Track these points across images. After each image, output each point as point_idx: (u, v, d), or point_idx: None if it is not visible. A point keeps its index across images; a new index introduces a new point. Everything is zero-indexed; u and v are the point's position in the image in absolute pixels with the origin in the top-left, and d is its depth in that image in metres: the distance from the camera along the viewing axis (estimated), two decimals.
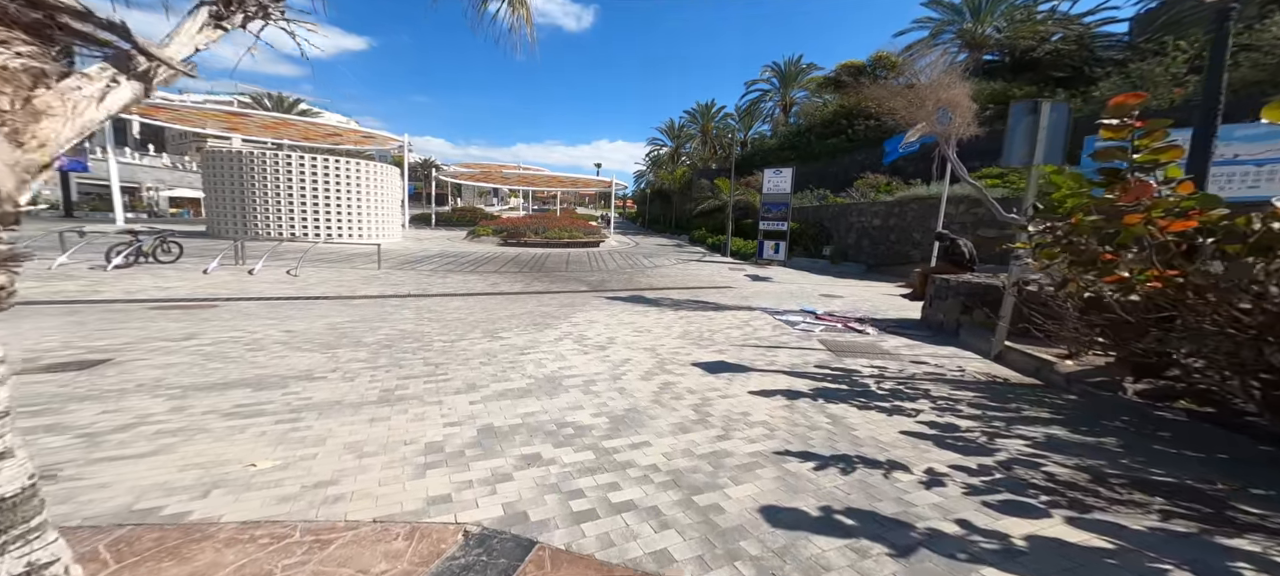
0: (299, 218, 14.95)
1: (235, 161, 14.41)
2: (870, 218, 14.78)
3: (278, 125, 22.06)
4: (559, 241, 20.23)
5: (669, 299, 8.82)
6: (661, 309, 7.69)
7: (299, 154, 14.89)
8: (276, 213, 14.69)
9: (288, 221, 14.82)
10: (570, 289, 9.75)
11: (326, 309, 6.58)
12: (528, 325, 6.04)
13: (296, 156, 14.72)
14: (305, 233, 15.15)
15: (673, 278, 12.08)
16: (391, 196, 18.30)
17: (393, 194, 18.55)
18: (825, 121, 26.55)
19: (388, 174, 17.83)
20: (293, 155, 14.65)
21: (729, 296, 9.41)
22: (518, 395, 3.55)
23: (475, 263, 13.57)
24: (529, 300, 8.15)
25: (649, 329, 6.11)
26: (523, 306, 7.49)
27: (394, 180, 18.60)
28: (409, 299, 7.67)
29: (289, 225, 14.86)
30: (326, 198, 15.42)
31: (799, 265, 16.18)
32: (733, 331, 6.11)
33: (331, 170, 15.42)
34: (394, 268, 11.42)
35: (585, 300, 8.33)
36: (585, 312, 7.09)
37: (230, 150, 14.47)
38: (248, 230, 14.50)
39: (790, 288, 10.97)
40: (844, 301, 9.16)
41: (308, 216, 15.11)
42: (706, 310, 7.76)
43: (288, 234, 14.71)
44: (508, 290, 9.20)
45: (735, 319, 7.02)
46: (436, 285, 9.23)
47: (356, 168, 16.07)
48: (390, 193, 18.09)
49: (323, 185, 15.21)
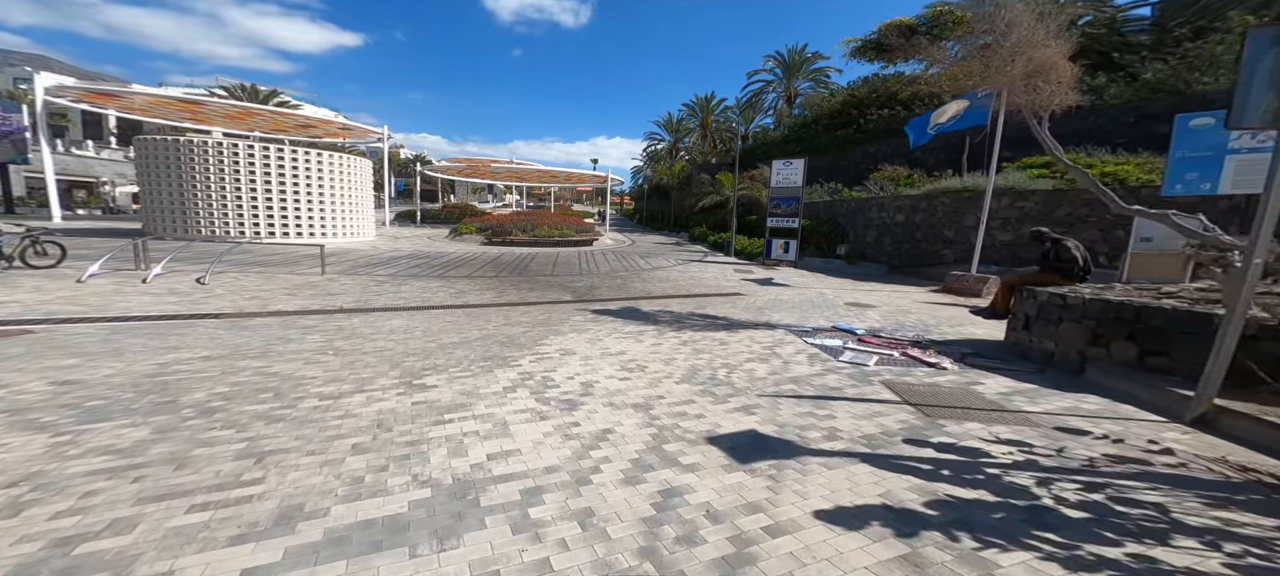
0: (248, 214, 13.22)
1: (171, 151, 12.67)
2: (892, 213, 13.17)
3: (243, 115, 20.27)
4: (548, 240, 18.57)
5: (668, 312, 7.19)
6: (660, 328, 6.06)
7: (247, 142, 13.15)
8: (221, 208, 12.96)
9: (235, 218, 13.09)
10: (551, 299, 8.10)
11: (200, 335, 4.91)
12: (475, 361, 4.39)
13: (244, 145, 12.98)
14: (258, 231, 13.44)
15: (672, 282, 10.44)
16: (362, 191, 16.59)
17: (364, 188, 16.84)
18: (833, 112, 24.90)
19: (357, 167, 16.12)
20: (240, 144, 12.92)
21: (740, 307, 7.79)
22: (376, 536, 1.91)
23: (448, 265, 11.90)
24: (494, 316, 6.50)
25: (643, 364, 4.47)
26: (482, 327, 5.84)
27: (365, 173, 16.89)
28: (334, 317, 6.00)
29: (237, 222, 13.13)
30: (282, 192, 13.69)
31: (811, 266, 14.57)
32: (756, 366, 4.48)
33: (289, 161, 13.70)
34: (344, 272, 9.74)
35: (566, 315, 6.69)
36: (561, 337, 5.45)
37: (166, 138, 12.73)
38: (187, 228, 12.79)
39: (808, 294, 9.35)
40: (879, 312, 7.55)
41: (259, 212, 13.39)
42: (716, 329, 6.13)
43: (235, 232, 13.01)
44: (474, 301, 7.54)
45: (755, 342, 5.39)
46: (384, 296, 7.57)
47: (318, 159, 14.35)
48: (360, 187, 16.37)
49: (276, 178, 13.48)
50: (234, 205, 13.04)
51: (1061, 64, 5.44)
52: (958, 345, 5.39)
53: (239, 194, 13.05)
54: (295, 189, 13.94)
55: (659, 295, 8.80)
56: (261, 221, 13.48)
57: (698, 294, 9.11)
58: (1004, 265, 10.38)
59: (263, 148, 13.19)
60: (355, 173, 15.96)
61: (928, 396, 3.63)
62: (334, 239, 15.08)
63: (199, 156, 12.70)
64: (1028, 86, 5.47)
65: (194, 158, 12.66)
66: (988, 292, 9.16)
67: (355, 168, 15.94)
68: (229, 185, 12.98)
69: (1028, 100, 5.49)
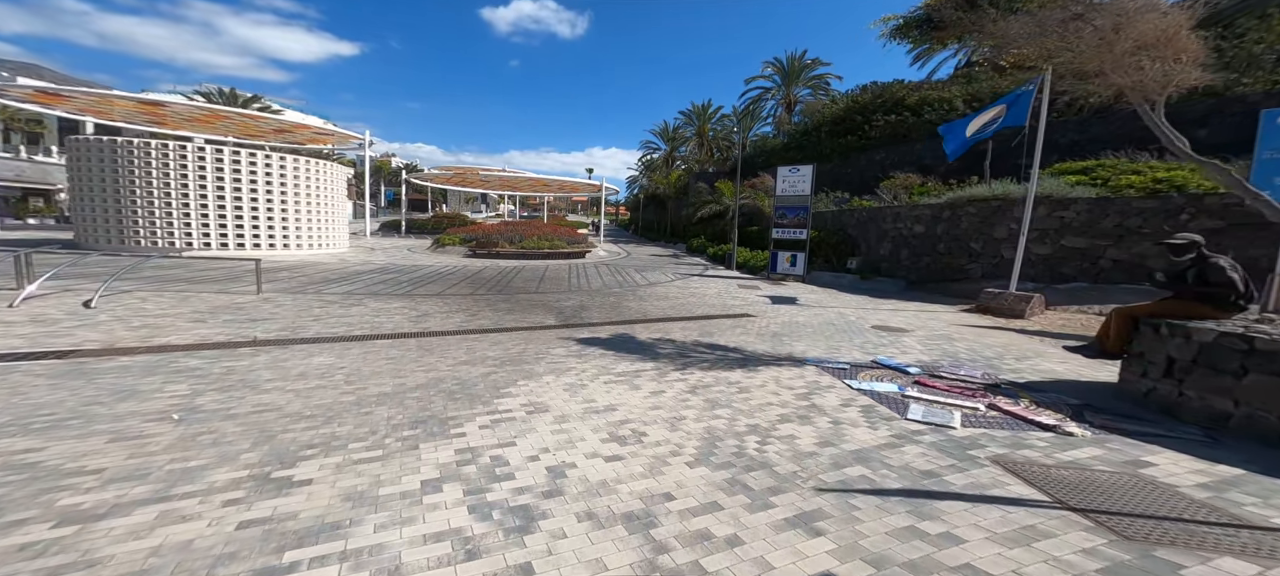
0: (197, 223, 11.86)
1: (107, 153, 11.31)
2: (910, 224, 12.07)
3: (210, 118, 18.94)
4: (537, 252, 17.31)
5: (669, 340, 5.95)
6: (661, 366, 4.81)
7: (195, 143, 11.83)
8: (164, 217, 11.59)
9: (180, 228, 11.71)
10: (530, 323, 6.83)
11: (5, 390, 3.59)
12: (399, 428, 3.11)
13: (193, 147, 11.65)
14: (209, 242, 12.06)
15: (672, 301, 9.22)
16: (333, 199, 15.28)
17: (336, 196, 15.53)
18: (835, 118, 24.01)
19: (327, 172, 14.82)
20: (187, 145, 11.59)
21: (753, 332, 6.56)
22: None
23: (419, 281, 10.60)
24: (454, 349, 5.22)
25: (640, 428, 3.23)
26: (433, 366, 4.55)
27: (338, 180, 15.60)
28: (236, 353, 4.69)
29: (182, 233, 11.75)
30: (237, 199, 12.35)
31: (820, 280, 13.41)
32: (797, 430, 3.25)
33: (245, 166, 12.37)
34: (290, 290, 8.41)
35: (545, 347, 5.42)
36: (534, 381, 4.19)
37: (100, 139, 11.37)
38: (124, 240, 11.41)
39: (825, 314, 8.16)
40: (916, 339, 6.35)
41: (209, 222, 12.02)
42: (730, 365, 4.90)
43: (181, 244, 11.63)
44: (436, 328, 6.26)
45: (783, 386, 4.17)
46: (323, 321, 6.26)
47: (280, 163, 13.05)
48: (331, 194, 15.06)
49: (231, 184, 12.14)
50: (180, 213, 11.68)
51: (1182, 35, 4.32)
52: (1050, 390, 4.18)
53: (186, 201, 11.69)
54: (253, 196, 12.60)
55: (657, 318, 7.56)
56: (212, 232, 12.12)
57: (702, 315, 7.89)
58: (1041, 282, 9.26)
59: (215, 150, 11.87)
60: (325, 179, 14.66)
61: (1091, 493, 2.40)
62: (297, 251, 13.74)
63: (139, 159, 11.34)
64: (1133, 65, 4.34)
65: (133, 161, 11.30)
66: (1032, 313, 8.01)
67: (325, 173, 14.65)
68: (175, 191, 11.63)
69: (1134, 82, 4.35)
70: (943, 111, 17.13)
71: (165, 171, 11.49)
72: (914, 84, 21.19)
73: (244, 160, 12.45)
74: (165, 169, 11.50)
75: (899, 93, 20.44)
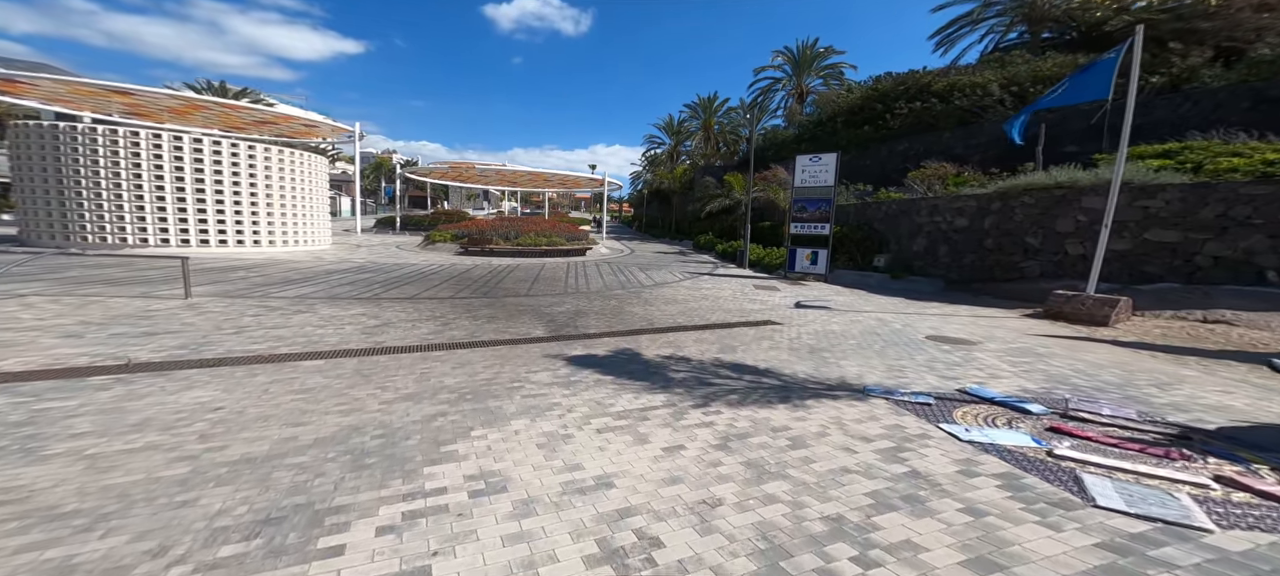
0: (153, 217, 10.65)
1: (48, 140, 10.11)
2: (949, 217, 10.72)
3: (186, 109, 17.77)
4: (533, 249, 16.06)
5: (683, 359, 4.67)
6: (674, 398, 3.55)
7: (149, 131, 10.62)
8: (114, 210, 10.40)
9: (133, 223, 10.51)
10: (512, 336, 5.57)
11: None
12: (216, 544, 1.84)
13: (148, 135, 10.44)
14: (167, 238, 10.88)
15: (682, 305, 7.94)
16: (313, 192, 14.08)
17: (317, 189, 14.34)
18: (852, 108, 22.62)
19: (306, 164, 13.63)
20: (142, 133, 10.38)
21: (784, 346, 5.27)
22: None
23: (394, 282, 9.36)
24: (399, 378, 3.97)
25: (651, 529, 1.97)
26: (357, 407, 3.30)
27: (318, 172, 14.40)
28: (91, 382, 3.46)
29: (135, 228, 10.56)
30: (198, 191, 11.15)
31: (845, 280, 12.09)
32: (909, 528, 1.97)
33: (208, 155, 11.16)
34: (234, 294, 7.18)
35: (523, 372, 4.17)
36: (494, 434, 2.94)
37: (41, 124, 10.20)
38: (69, 235, 10.24)
39: (862, 320, 6.85)
40: (992, 354, 5.05)
41: (167, 216, 10.82)
42: (767, 396, 3.63)
43: (134, 240, 10.45)
44: (391, 343, 5.02)
45: (854, 439, 2.89)
46: (247, 336, 5.03)
47: (250, 153, 11.84)
48: (311, 187, 13.87)
49: (192, 175, 10.94)
50: (133, 207, 10.48)
51: None
52: (1271, 448, 2.86)
53: (140, 193, 10.49)
54: (218, 188, 11.40)
55: (666, 327, 6.28)
56: (170, 227, 10.93)
57: (718, 324, 6.60)
58: (1117, 282, 7.90)
59: (173, 138, 10.67)
60: (302, 171, 13.46)
61: None
62: (269, 248, 12.54)
63: (85, 148, 10.14)
64: None
65: (77, 148, 10.10)
66: (1118, 320, 6.67)
67: (302, 165, 13.45)
68: (126, 182, 10.44)
69: None
70: (975, 97, 15.74)
71: (115, 161, 10.29)
72: (941, 70, 19.78)
73: (207, 149, 11.25)
74: (115, 158, 10.30)
75: (924, 79, 19.05)
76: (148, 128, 10.78)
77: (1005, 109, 14.98)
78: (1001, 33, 22.30)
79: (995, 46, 22.06)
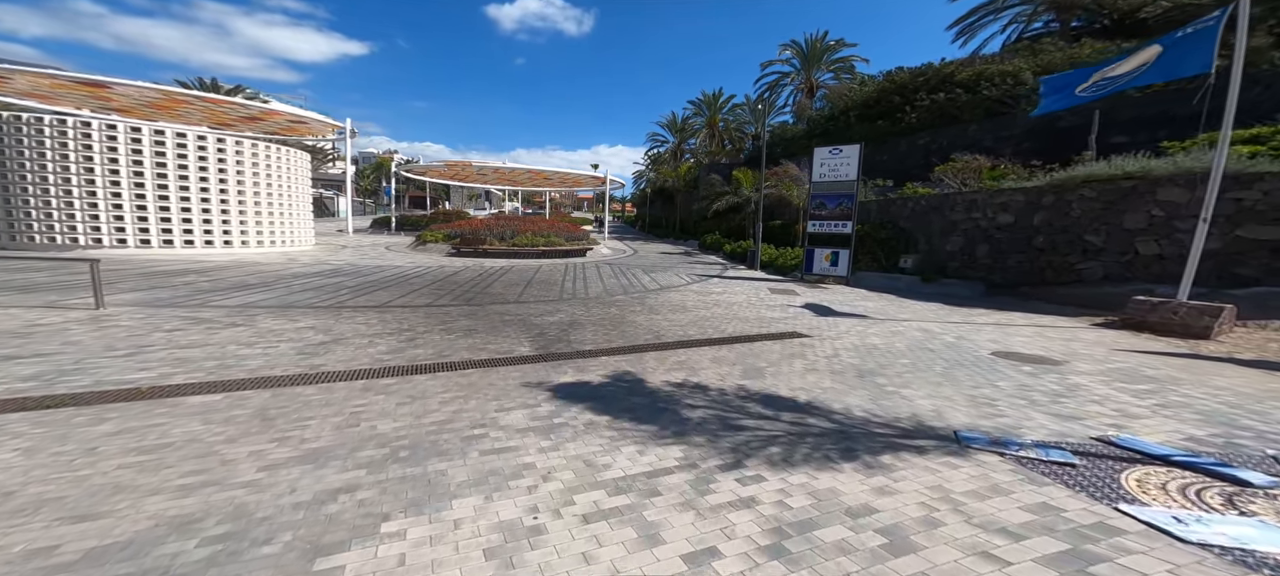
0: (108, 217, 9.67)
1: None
2: (992, 213, 9.60)
3: (168, 103, 16.88)
4: (530, 250, 15.03)
5: (700, 387, 3.61)
6: (693, 454, 2.49)
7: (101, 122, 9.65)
8: (63, 209, 9.42)
9: (86, 223, 9.54)
10: (489, 356, 4.53)
11: None
12: None
13: (101, 126, 9.46)
14: (125, 238, 9.91)
15: (692, 314, 6.87)
16: (293, 190, 13.10)
17: (297, 187, 13.37)
18: (866, 101, 21.50)
19: (285, 160, 12.65)
20: (93, 124, 9.41)
21: (824, 366, 4.20)
22: None
23: (367, 288, 8.34)
24: (318, 422, 2.94)
25: None
26: (229, 478, 2.28)
27: (299, 169, 13.43)
28: None
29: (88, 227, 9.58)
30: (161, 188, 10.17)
31: (870, 283, 11.00)
32: None
33: (172, 150, 10.17)
34: (165, 302, 6.17)
35: (491, 412, 3.13)
36: (420, 527, 1.88)
37: None
38: (15, 234, 9.28)
39: (907, 332, 5.76)
40: (1094, 378, 3.97)
41: (124, 216, 9.83)
42: (823, 451, 2.56)
43: (86, 240, 9.48)
44: (331, 367, 3.99)
45: (988, 531, 1.80)
46: (140, 359, 4.02)
47: (219, 147, 10.87)
48: (288, 185, 12.89)
49: (153, 171, 9.95)
50: (85, 205, 9.51)
51: None
52: None
53: (93, 190, 9.52)
54: (184, 185, 10.43)
55: (675, 342, 5.21)
56: (128, 227, 9.95)
57: (736, 337, 5.54)
58: (1207, 286, 6.76)
59: (130, 131, 9.70)
60: (281, 167, 12.48)
61: None
62: (241, 249, 11.57)
63: (30, 140, 9.18)
64: None
65: (21, 141, 9.14)
66: (1221, 331, 5.55)
67: (281, 161, 12.47)
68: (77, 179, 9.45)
69: None
70: (1005, 88, 14.60)
71: (64, 155, 9.33)
72: (964, 60, 18.64)
73: (170, 142, 10.28)
74: (64, 152, 9.34)
75: (946, 70, 17.92)
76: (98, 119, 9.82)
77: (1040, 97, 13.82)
78: (1025, 22, 21.15)
79: (1019, 36, 20.90)
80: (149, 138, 10.12)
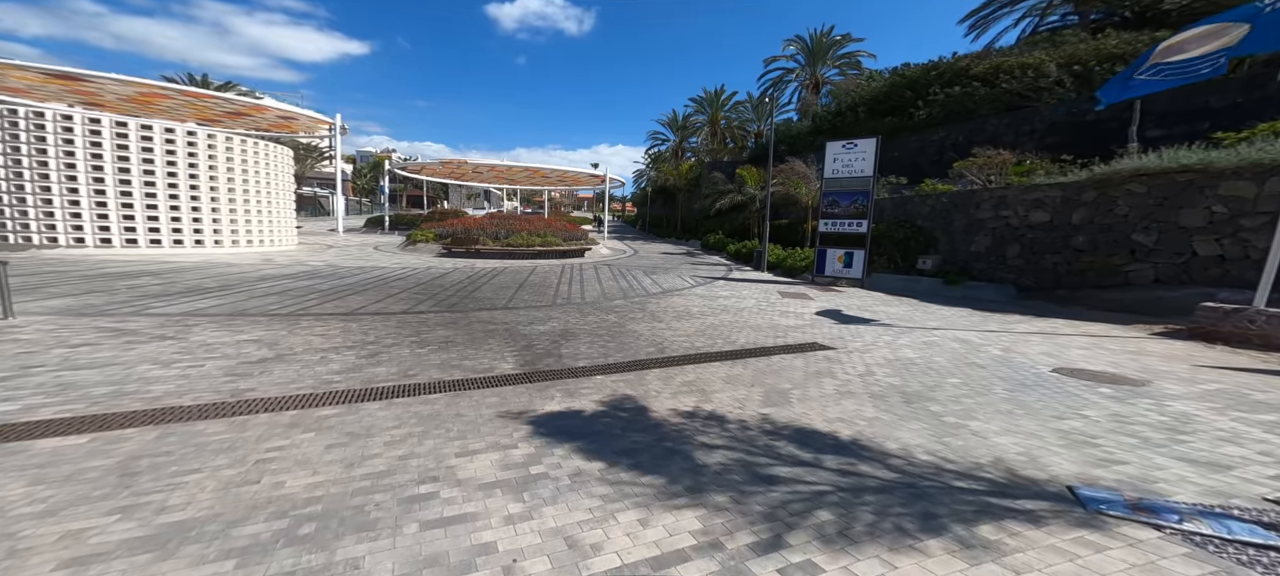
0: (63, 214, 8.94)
1: None
2: (1024, 211, 8.86)
3: (148, 97, 16.17)
4: (525, 250, 14.30)
5: (714, 416, 2.86)
6: (710, 513, 1.76)
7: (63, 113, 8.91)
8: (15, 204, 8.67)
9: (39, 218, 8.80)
10: (461, 376, 3.80)
11: None
12: None
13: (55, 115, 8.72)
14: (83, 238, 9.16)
15: (698, 321, 6.13)
16: (274, 187, 12.37)
17: (278, 184, 12.64)
18: (875, 97, 20.77)
19: (265, 155, 11.93)
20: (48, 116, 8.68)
21: (860, 387, 3.45)
22: None
23: (341, 292, 7.61)
24: (193, 484, 2.21)
25: None
26: None
27: (281, 165, 12.70)
28: None
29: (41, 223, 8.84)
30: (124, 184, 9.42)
31: (887, 285, 10.27)
32: None
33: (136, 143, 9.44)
34: (90, 311, 5.43)
35: (452, 451, 2.38)
36: None
37: None
38: None
39: (943, 344, 5.01)
40: (1192, 401, 3.24)
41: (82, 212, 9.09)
42: (894, 526, 1.80)
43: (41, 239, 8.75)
44: (261, 395, 3.26)
45: None
46: (14, 384, 3.26)
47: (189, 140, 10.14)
48: (270, 181, 12.16)
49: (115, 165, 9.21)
50: (37, 201, 8.76)
51: None
52: None
53: (47, 185, 8.78)
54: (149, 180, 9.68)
55: (681, 356, 4.47)
56: (86, 224, 9.21)
57: (751, 349, 4.79)
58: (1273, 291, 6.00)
59: (88, 122, 8.97)
60: (261, 163, 11.75)
61: None
62: (214, 249, 10.84)
63: None
64: None
65: None
66: None
67: (260, 157, 11.75)
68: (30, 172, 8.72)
69: None
70: (1027, 80, 13.84)
71: (14, 147, 8.59)
72: (979, 53, 17.90)
73: (135, 134, 9.55)
74: (15, 142, 8.60)
75: (961, 63, 17.19)
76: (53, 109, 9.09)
77: (1064, 89, 13.09)
78: (1039, 15, 20.43)
79: (1034, 29, 20.20)
80: (110, 130, 9.38)
